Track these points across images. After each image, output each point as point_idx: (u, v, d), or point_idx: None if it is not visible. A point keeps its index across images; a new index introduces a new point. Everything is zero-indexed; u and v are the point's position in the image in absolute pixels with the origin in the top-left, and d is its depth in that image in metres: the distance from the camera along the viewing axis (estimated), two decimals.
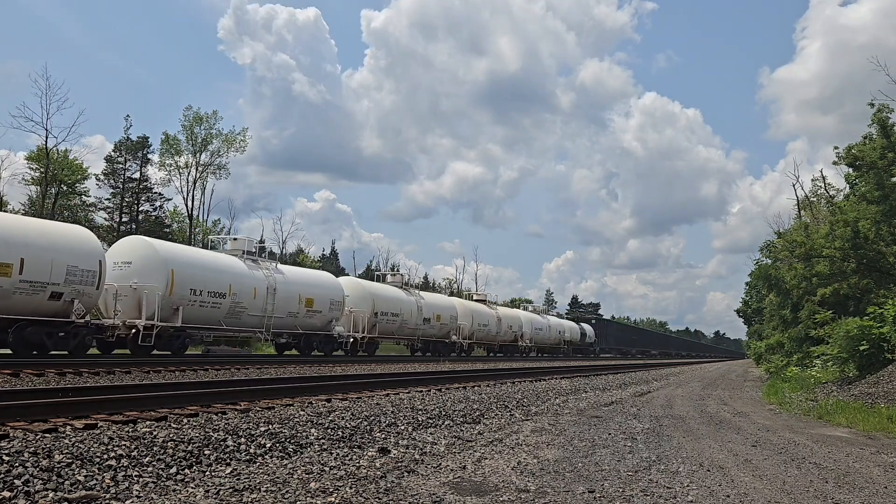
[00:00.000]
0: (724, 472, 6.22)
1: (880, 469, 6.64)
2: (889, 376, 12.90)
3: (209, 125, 46.32)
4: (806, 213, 35.33)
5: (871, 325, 14.31)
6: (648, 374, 27.51)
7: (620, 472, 6.08)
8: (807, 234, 22.74)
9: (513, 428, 8.89)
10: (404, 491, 5.04)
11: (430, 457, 6.51)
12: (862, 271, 19.81)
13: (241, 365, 17.30)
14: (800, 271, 22.39)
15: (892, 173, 19.05)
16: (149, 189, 46.67)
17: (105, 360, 15.94)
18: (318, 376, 14.29)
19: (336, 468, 5.73)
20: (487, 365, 27.21)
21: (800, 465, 6.72)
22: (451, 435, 7.98)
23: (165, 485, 4.94)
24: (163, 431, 6.15)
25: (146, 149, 46.38)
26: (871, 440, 8.78)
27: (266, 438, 6.51)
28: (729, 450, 7.56)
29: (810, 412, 12.05)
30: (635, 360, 57.25)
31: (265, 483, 5.05)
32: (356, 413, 8.45)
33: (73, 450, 5.22)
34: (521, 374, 19.65)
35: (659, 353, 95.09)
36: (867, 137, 20.34)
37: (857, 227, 18.93)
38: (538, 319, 50.05)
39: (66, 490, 4.53)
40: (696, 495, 5.24)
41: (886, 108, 19.34)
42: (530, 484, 5.45)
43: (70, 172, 39.89)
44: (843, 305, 20.48)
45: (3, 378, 11.12)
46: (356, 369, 18.65)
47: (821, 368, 17.64)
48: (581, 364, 33.70)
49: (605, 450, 7.30)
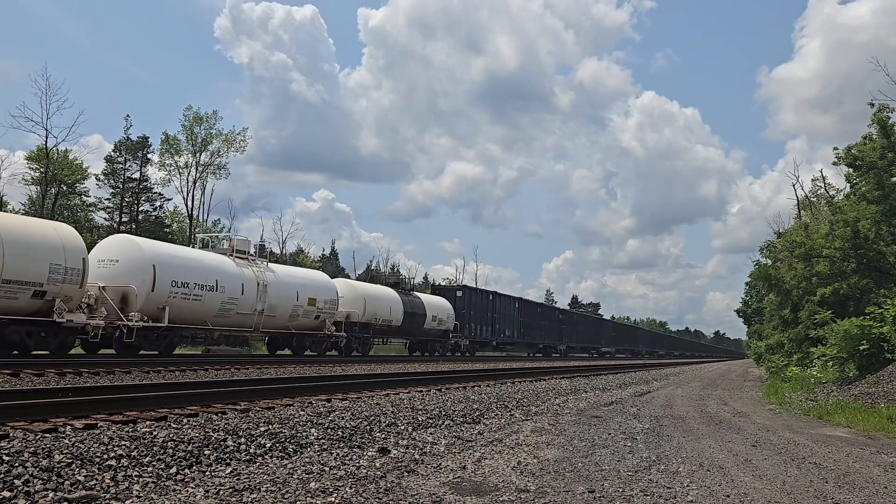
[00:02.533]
0: (724, 471, 6.22)
1: (880, 469, 6.64)
2: (889, 376, 12.91)
3: (209, 125, 46.40)
4: (806, 213, 35.35)
5: (872, 324, 14.31)
6: (648, 374, 27.52)
7: (620, 472, 6.08)
8: (807, 234, 22.74)
9: (513, 428, 8.89)
10: (404, 491, 5.04)
11: (430, 457, 6.51)
12: (862, 271, 19.81)
13: (240, 365, 17.30)
14: (800, 271, 22.39)
15: (892, 173, 19.06)
16: (149, 189, 46.66)
17: (105, 361, 15.93)
18: (317, 376, 14.29)
19: (336, 468, 5.73)
20: (488, 365, 27.21)
21: (800, 465, 6.72)
22: (451, 435, 7.98)
23: (165, 485, 4.94)
24: (163, 431, 6.15)
25: (146, 149, 46.39)
26: (871, 440, 8.78)
27: (266, 438, 6.51)
28: (729, 450, 7.56)
29: (810, 412, 12.05)
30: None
31: (265, 483, 5.05)
32: (356, 413, 8.45)
33: (73, 450, 5.22)
34: (522, 374, 19.66)
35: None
36: (867, 137, 20.35)
37: (857, 227, 18.94)
38: None
39: (66, 490, 4.53)
40: (696, 495, 5.24)
41: (886, 108, 19.36)
42: (530, 484, 5.45)
43: (70, 172, 39.91)
44: (843, 305, 20.47)
45: (3, 378, 11.12)
46: (356, 369, 18.65)
47: (821, 368, 17.64)
48: (581, 364, 33.71)
49: (605, 450, 7.30)
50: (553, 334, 52.48)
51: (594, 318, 77.02)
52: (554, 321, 53.56)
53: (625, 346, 75.23)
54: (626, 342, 77.30)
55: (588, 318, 70.87)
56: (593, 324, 68.03)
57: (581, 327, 61.06)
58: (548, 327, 51.57)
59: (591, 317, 75.63)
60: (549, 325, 52.06)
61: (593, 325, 67.51)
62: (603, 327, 71.27)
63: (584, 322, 64.13)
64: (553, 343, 52.18)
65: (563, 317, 57.30)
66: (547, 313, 53.33)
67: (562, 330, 54.49)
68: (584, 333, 61.31)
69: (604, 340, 65.79)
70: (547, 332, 51.30)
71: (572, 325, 58.31)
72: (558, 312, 57.80)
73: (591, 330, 64.45)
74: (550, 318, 53.20)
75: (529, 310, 48.88)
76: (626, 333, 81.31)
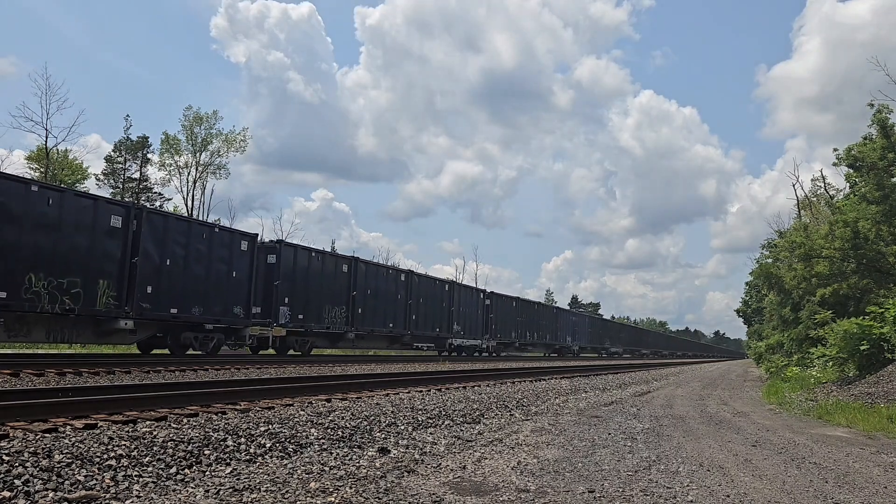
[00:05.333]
0: (724, 471, 6.22)
1: (880, 469, 6.64)
2: (889, 376, 12.91)
3: (209, 125, 46.44)
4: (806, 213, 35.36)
5: (872, 324, 14.31)
6: (648, 374, 27.53)
7: (620, 471, 6.08)
8: (806, 235, 22.75)
9: (513, 428, 8.89)
10: (404, 491, 5.04)
11: (430, 457, 6.51)
12: (862, 271, 19.81)
13: (241, 365, 17.30)
14: (800, 272, 22.40)
15: (892, 173, 19.07)
16: (149, 189, 46.74)
17: (105, 360, 15.93)
18: (317, 376, 14.29)
19: (336, 468, 5.73)
20: (488, 365, 27.22)
21: (800, 465, 6.72)
22: (450, 435, 7.98)
23: (165, 485, 4.94)
24: (163, 431, 6.15)
25: (146, 149, 46.44)
26: (871, 440, 8.78)
27: (266, 438, 6.51)
28: (729, 450, 7.56)
29: (810, 412, 12.05)
30: None
31: (265, 483, 5.05)
32: (356, 413, 8.45)
33: (73, 450, 5.22)
34: (522, 373, 19.66)
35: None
36: (867, 138, 20.36)
37: (857, 227, 18.95)
38: None
39: (66, 490, 4.53)
40: (696, 495, 5.24)
41: (886, 108, 19.38)
42: (530, 484, 5.45)
43: (70, 172, 39.95)
44: (843, 305, 20.48)
45: (3, 378, 11.12)
46: (356, 369, 18.65)
47: (821, 368, 17.64)
48: (581, 364, 33.70)
49: (605, 450, 7.30)
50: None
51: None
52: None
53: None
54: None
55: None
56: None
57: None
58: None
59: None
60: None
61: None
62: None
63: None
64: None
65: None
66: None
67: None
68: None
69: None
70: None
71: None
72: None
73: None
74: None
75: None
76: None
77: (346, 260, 27.75)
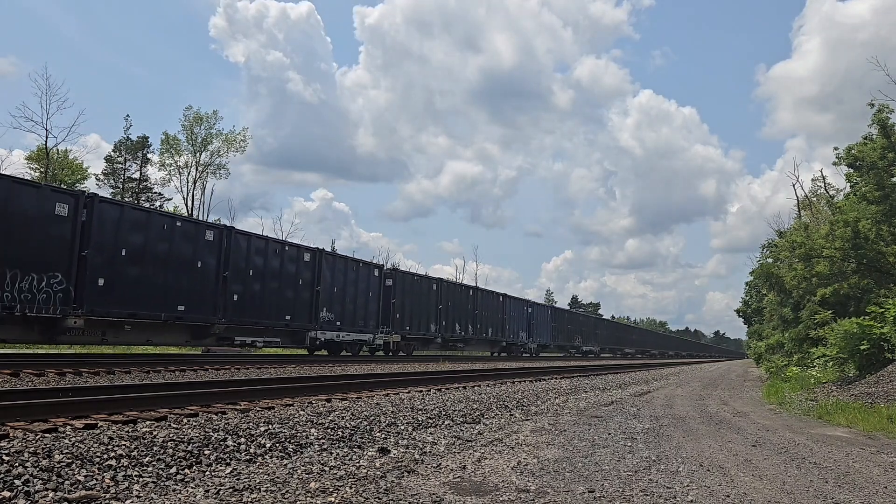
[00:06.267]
0: (724, 471, 6.22)
1: (880, 469, 6.64)
2: (889, 376, 12.91)
3: (209, 125, 46.44)
4: (806, 212, 35.36)
5: (872, 324, 14.31)
6: (648, 374, 27.54)
7: (620, 471, 6.08)
8: (807, 235, 22.74)
9: (513, 428, 8.89)
10: (404, 491, 5.04)
11: (430, 457, 6.51)
12: (862, 271, 19.81)
13: (240, 365, 17.30)
14: (800, 272, 22.40)
15: (893, 173, 19.07)
16: (149, 189, 46.75)
17: (105, 360, 15.93)
18: (317, 376, 14.29)
19: (336, 468, 5.73)
20: (487, 365, 27.24)
21: (800, 464, 6.72)
22: (450, 435, 7.98)
23: (165, 485, 4.94)
24: (163, 431, 6.15)
25: (146, 149, 46.46)
26: (871, 440, 8.78)
27: (266, 438, 6.51)
28: (729, 450, 7.56)
29: (810, 412, 12.05)
30: None
31: (265, 483, 5.05)
32: (356, 413, 8.45)
33: (73, 450, 5.22)
34: (522, 374, 19.67)
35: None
36: (867, 138, 20.36)
37: (858, 227, 18.95)
38: None
39: (66, 490, 4.53)
40: (696, 495, 5.24)
41: (886, 108, 19.37)
42: (530, 484, 5.45)
43: (70, 172, 39.96)
44: (843, 305, 20.48)
45: (3, 378, 11.12)
46: (356, 369, 18.65)
47: (821, 368, 17.64)
48: (581, 364, 33.70)
49: (605, 450, 7.29)
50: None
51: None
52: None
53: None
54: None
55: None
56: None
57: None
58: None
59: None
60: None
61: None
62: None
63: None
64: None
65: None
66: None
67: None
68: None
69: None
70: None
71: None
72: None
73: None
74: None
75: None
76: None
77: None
